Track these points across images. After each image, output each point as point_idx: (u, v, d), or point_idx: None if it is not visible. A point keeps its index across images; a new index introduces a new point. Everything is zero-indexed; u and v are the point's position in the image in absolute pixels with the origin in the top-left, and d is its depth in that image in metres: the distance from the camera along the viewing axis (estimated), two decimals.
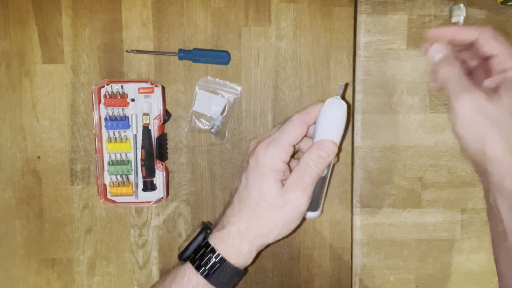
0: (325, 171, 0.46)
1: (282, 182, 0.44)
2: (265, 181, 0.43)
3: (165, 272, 0.55)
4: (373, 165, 0.54)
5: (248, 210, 0.43)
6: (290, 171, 0.45)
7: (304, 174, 0.43)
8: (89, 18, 0.53)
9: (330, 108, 0.43)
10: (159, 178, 0.53)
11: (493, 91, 0.37)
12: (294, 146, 0.44)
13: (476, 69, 0.43)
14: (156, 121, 0.52)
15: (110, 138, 0.53)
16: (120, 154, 0.53)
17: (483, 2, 0.52)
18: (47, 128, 0.54)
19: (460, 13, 0.51)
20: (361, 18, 0.53)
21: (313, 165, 0.43)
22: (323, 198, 0.49)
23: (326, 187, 0.48)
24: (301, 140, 0.45)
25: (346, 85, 0.54)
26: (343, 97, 0.44)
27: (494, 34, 0.39)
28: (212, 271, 0.43)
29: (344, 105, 0.43)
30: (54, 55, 0.53)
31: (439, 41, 0.41)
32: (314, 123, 0.45)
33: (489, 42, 0.39)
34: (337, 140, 0.44)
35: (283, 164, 0.43)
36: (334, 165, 0.51)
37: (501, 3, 0.52)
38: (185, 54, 0.52)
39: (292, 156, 0.46)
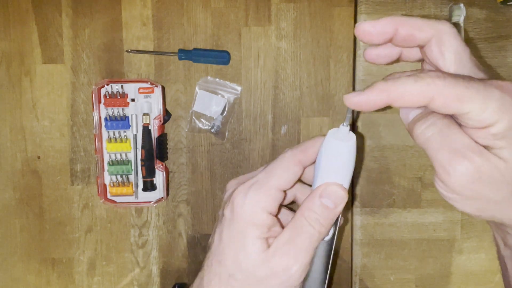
0: (331, 232, 0.34)
1: (268, 242, 0.32)
2: (243, 241, 0.32)
3: (166, 272, 0.55)
4: (373, 165, 0.54)
5: (218, 284, 0.32)
6: (282, 227, 0.34)
7: (300, 233, 0.31)
8: (89, 18, 0.53)
9: (335, 142, 0.32)
10: (159, 178, 0.53)
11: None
12: (284, 192, 0.34)
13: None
14: (156, 121, 0.52)
15: (110, 138, 0.53)
16: (120, 154, 0.53)
17: (483, 2, 0.52)
18: (47, 128, 0.54)
19: (460, 13, 0.51)
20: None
21: (314, 220, 0.32)
22: (327, 275, 0.36)
23: (331, 257, 0.36)
24: (293, 185, 0.34)
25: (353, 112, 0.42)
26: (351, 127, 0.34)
27: (453, 36, 0.29)
28: None
29: (353, 137, 0.32)
30: (54, 55, 0.53)
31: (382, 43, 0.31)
32: (313, 163, 0.34)
33: (446, 50, 0.29)
34: (346, 184, 0.33)
35: (267, 217, 0.32)
36: (339, 227, 0.36)
37: (501, 3, 0.52)
38: (185, 54, 0.52)
39: (283, 205, 0.36)
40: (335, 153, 0.32)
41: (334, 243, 0.35)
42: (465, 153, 0.26)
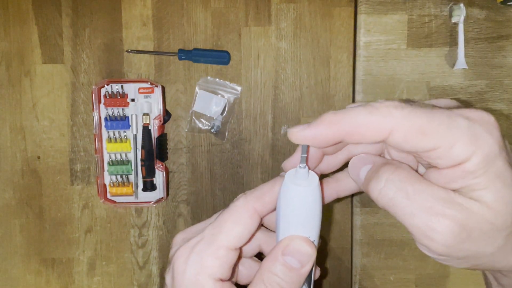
0: None
1: None
2: None
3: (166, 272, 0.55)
4: None
5: None
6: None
7: None
8: (89, 18, 0.53)
9: (294, 187, 0.26)
10: (159, 178, 0.53)
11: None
12: (239, 250, 0.27)
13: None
14: (156, 121, 0.52)
15: (110, 138, 0.53)
16: (120, 154, 0.53)
17: (483, 2, 0.52)
18: (47, 128, 0.54)
19: (460, 13, 0.51)
20: (361, 18, 0.53)
21: (275, 286, 0.25)
22: None
23: None
24: (251, 237, 0.28)
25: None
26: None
27: (410, 123, 0.23)
28: None
29: (315, 179, 0.27)
30: (54, 55, 0.53)
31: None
32: (273, 210, 0.28)
33: (412, 140, 0.23)
34: (314, 235, 0.27)
35: (215, 285, 0.26)
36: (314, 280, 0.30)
37: (501, 3, 0.52)
38: (185, 54, 0.52)
39: (249, 257, 0.31)
40: (296, 201, 0.26)
41: None
42: (442, 210, 0.22)
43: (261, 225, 0.30)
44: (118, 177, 0.53)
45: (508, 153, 0.23)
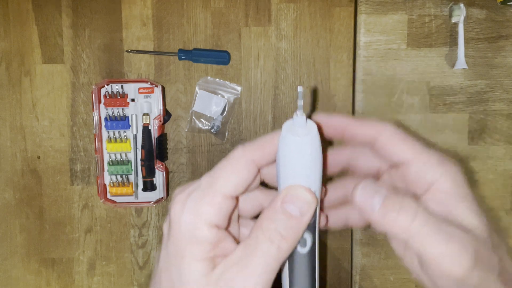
0: (309, 242, 0.27)
1: (215, 262, 0.25)
2: (179, 265, 0.25)
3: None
4: None
5: None
6: (237, 242, 0.27)
7: (255, 249, 0.25)
8: (89, 18, 0.53)
9: (292, 137, 0.26)
10: (159, 178, 0.53)
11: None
12: (236, 199, 0.27)
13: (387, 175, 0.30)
14: (156, 121, 0.52)
15: (110, 138, 0.53)
16: (120, 154, 0.53)
17: (483, 2, 0.52)
18: (47, 128, 0.54)
19: (460, 13, 0.51)
20: (361, 18, 0.53)
21: (272, 232, 0.25)
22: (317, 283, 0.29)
23: (316, 273, 0.29)
24: (246, 188, 0.27)
25: (315, 91, 0.38)
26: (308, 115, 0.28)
27: (395, 132, 0.27)
28: None
29: (313, 128, 0.26)
30: (54, 55, 0.53)
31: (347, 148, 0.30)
32: (273, 162, 0.28)
33: (394, 144, 0.27)
34: (315, 185, 0.26)
35: (211, 231, 0.25)
36: (317, 235, 0.28)
37: (501, 3, 0.52)
38: (185, 54, 0.52)
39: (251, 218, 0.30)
40: (294, 151, 0.26)
41: (317, 256, 0.28)
42: (458, 236, 0.24)
43: (261, 183, 0.29)
44: (118, 177, 0.53)
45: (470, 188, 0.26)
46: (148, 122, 0.52)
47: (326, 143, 0.29)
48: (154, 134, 0.52)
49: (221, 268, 0.25)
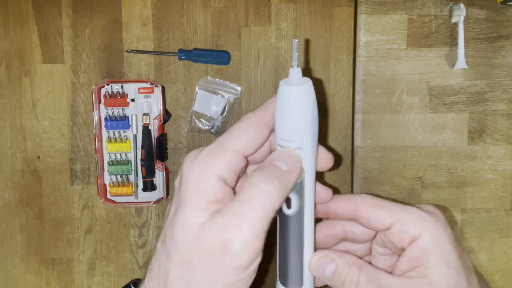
0: (295, 205, 0.28)
1: (215, 217, 0.25)
2: (183, 213, 0.26)
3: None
4: (373, 165, 0.54)
5: (157, 270, 0.27)
6: None
7: (244, 199, 0.25)
8: (89, 18, 0.53)
9: (287, 88, 0.27)
10: (159, 178, 0.53)
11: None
12: (246, 159, 0.28)
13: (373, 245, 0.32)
14: (156, 121, 0.52)
15: (110, 138, 0.53)
16: (120, 154, 0.53)
17: (483, 2, 0.52)
18: (47, 128, 0.54)
19: (460, 13, 0.51)
20: (361, 18, 0.53)
21: (261, 180, 0.25)
22: (302, 261, 0.29)
23: (308, 239, 0.29)
24: (256, 149, 0.28)
25: (307, 42, 0.39)
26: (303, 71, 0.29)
27: (371, 202, 0.29)
28: None
29: (308, 80, 0.27)
30: (54, 55, 0.53)
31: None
32: None
33: (372, 214, 0.29)
34: (311, 136, 0.28)
35: (217, 183, 0.26)
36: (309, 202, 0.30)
37: (501, 3, 0.52)
38: (185, 54, 0.52)
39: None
40: (291, 100, 0.26)
41: (304, 221, 0.29)
42: None
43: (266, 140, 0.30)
44: (118, 177, 0.53)
45: (455, 240, 0.28)
46: (148, 122, 0.52)
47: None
48: (154, 134, 0.52)
49: (211, 221, 0.25)
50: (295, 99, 0.26)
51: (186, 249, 0.25)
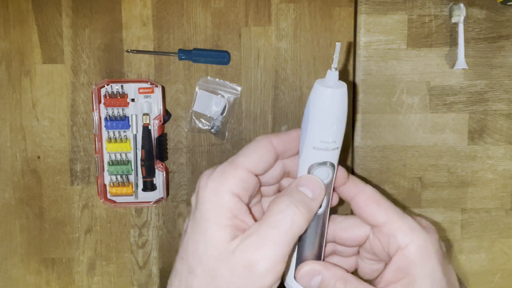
0: (324, 203, 0.30)
1: (235, 233, 0.27)
2: (204, 230, 0.27)
3: (166, 272, 0.55)
4: (373, 165, 0.54)
5: (178, 284, 0.28)
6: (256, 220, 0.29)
7: (270, 223, 0.26)
8: (89, 18, 0.53)
9: (325, 89, 0.27)
10: (159, 178, 0.53)
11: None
12: (257, 178, 0.29)
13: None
14: (156, 121, 0.52)
15: (110, 138, 0.53)
16: (120, 154, 0.53)
17: (483, 2, 0.52)
18: (47, 128, 0.54)
19: (460, 13, 0.51)
20: (361, 18, 0.53)
21: (287, 204, 0.27)
22: (322, 254, 0.32)
23: (325, 235, 0.31)
24: (266, 169, 0.30)
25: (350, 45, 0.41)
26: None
27: (373, 195, 0.30)
28: None
29: (344, 84, 0.28)
30: (54, 55, 0.53)
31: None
32: (287, 157, 0.31)
33: (369, 205, 0.29)
34: (338, 140, 0.29)
35: (232, 199, 0.27)
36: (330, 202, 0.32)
37: (501, 3, 0.52)
38: (185, 54, 0.52)
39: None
40: (327, 104, 0.27)
41: (327, 219, 0.31)
42: None
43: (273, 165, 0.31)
44: (118, 177, 0.53)
45: (443, 255, 0.28)
46: (148, 122, 0.52)
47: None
48: (154, 134, 0.52)
49: (239, 239, 0.26)
50: (338, 101, 0.27)
51: (211, 265, 0.26)
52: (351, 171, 0.55)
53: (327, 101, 0.27)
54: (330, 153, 0.29)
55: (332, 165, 0.29)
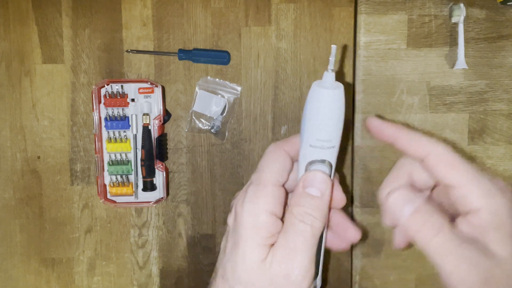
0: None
1: (273, 251, 0.29)
2: (242, 250, 0.29)
3: (166, 272, 0.55)
4: (373, 165, 0.54)
5: None
6: None
7: (293, 233, 0.29)
8: (89, 18, 0.53)
9: (321, 90, 0.28)
10: (159, 178, 0.53)
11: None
12: (284, 188, 0.31)
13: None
14: (156, 121, 0.52)
15: (110, 138, 0.53)
16: (120, 154, 0.53)
17: (483, 2, 0.52)
18: (47, 128, 0.54)
19: (460, 13, 0.51)
20: (361, 18, 0.53)
21: (303, 215, 0.29)
22: (321, 258, 0.32)
23: (323, 240, 0.32)
24: (288, 175, 0.32)
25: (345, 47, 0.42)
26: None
27: (445, 153, 0.29)
28: None
29: (340, 85, 0.29)
30: (54, 55, 0.53)
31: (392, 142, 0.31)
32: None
33: (441, 167, 0.28)
34: (336, 139, 0.30)
35: (269, 218, 0.29)
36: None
37: (501, 3, 0.52)
38: (185, 54, 0.52)
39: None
40: (323, 102, 0.28)
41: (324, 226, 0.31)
42: (472, 259, 0.26)
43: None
44: (118, 177, 0.53)
45: None
46: (148, 122, 0.52)
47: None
48: (154, 134, 0.52)
49: (271, 253, 0.28)
50: (334, 101, 0.28)
51: (250, 282, 0.28)
52: (351, 171, 0.55)
53: (322, 101, 0.28)
54: (326, 151, 0.29)
55: (329, 164, 0.30)
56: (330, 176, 0.30)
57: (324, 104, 0.28)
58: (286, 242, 0.28)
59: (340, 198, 0.33)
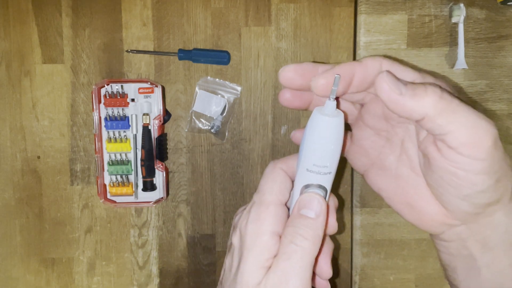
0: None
1: (268, 274, 0.29)
2: (240, 273, 0.29)
3: (165, 272, 0.55)
4: None
5: None
6: None
7: (286, 256, 0.28)
8: (89, 18, 0.53)
9: (322, 117, 0.29)
10: (159, 178, 0.53)
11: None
12: (286, 207, 0.31)
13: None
14: (156, 121, 0.52)
15: (110, 138, 0.53)
16: (120, 154, 0.53)
17: (483, 2, 0.52)
18: (47, 128, 0.54)
19: (460, 13, 0.51)
20: (361, 18, 0.53)
21: (295, 236, 0.29)
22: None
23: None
24: (289, 194, 0.32)
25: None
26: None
27: (442, 104, 0.28)
28: None
29: (341, 113, 0.29)
30: (54, 55, 0.53)
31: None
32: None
33: (441, 119, 0.27)
34: (333, 166, 0.30)
35: (272, 238, 0.29)
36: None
37: (501, 3, 0.52)
38: (185, 54, 0.52)
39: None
40: (322, 130, 0.29)
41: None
42: (482, 123, 0.28)
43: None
44: (118, 177, 0.53)
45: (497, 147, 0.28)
46: (148, 122, 0.52)
47: (346, 131, 0.32)
48: (154, 134, 0.52)
49: (266, 277, 0.28)
50: (333, 129, 0.29)
51: None
52: (351, 171, 0.55)
53: (322, 127, 0.29)
54: (322, 176, 0.30)
55: (324, 188, 0.30)
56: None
57: (324, 130, 0.29)
58: (277, 264, 0.28)
59: (332, 224, 0.32)
